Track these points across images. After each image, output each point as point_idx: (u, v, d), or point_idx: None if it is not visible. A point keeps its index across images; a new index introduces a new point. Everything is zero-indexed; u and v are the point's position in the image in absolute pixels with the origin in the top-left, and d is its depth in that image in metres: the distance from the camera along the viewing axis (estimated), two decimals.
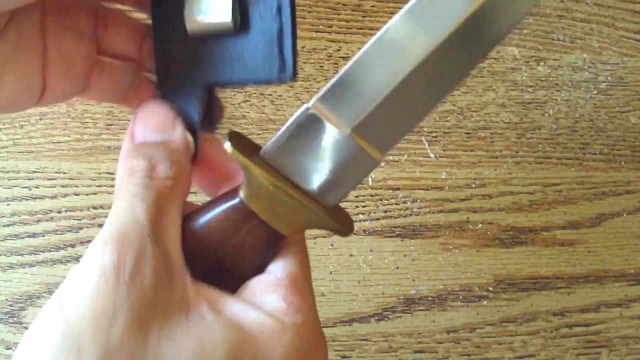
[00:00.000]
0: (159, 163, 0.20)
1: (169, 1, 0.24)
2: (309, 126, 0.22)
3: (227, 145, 0.21)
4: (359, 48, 0.50)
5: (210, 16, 0.23)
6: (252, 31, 0.23)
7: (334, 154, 0.22)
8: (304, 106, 0.22)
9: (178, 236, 0.20)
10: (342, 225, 0.23)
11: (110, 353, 0.16)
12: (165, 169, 0.20)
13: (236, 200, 0.22)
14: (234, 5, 0.23)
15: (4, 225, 0.44)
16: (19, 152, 0.45)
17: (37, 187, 0.44)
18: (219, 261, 0.22)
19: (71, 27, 0.23)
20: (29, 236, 0.44)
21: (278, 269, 0.22)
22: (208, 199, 0.24)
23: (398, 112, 0.21)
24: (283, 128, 0.22)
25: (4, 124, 0.45)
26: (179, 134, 0.22)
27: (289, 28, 0.23)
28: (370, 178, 0.47)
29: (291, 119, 0.22)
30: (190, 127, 0.23)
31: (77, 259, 0.44)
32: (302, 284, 0.21)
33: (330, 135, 0.22)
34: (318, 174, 0.22)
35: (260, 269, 0.23)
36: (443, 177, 0.48)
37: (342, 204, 0.24)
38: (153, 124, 0.22)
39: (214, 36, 0.23)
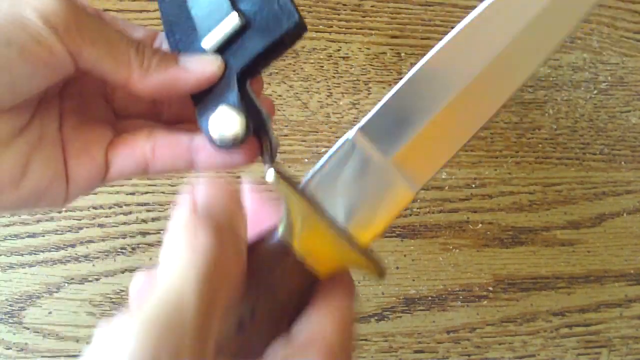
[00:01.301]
0: (225, 246, 0.19)
1: (185, 36, 0.26)
2: (349, 156, 0.22)
3: (270, 174, 0.21)
4: (359, 48, 0.50)
5: (217, 24, 0.24)
6: (257, 14, 0.24)
7: (373, 184, 0.22)
8: (344, 137, 0.22)
9: (214, 334, 0.18)
10: (376, 267, 0.22)
11: None
12: (228, 254, 0.19)
13: (273, 239, 0.22)
14: (231, 5, 0.25)
15: (4, 225, 0.44)
16: None
17: None
18: (252, 307, 0.21)
19: (86, 112, 0.24)
20: (29, 236, 0.44)
21: (302, 330, 0.20)
22: None
23: (437, 141, 0.22)
24: (323, 159, 0.22)
25: None
26: (244, 220, 0.21)
27: None
28: None
29: (331, 150, 0.22)
30: (233, 103, 0.24)
31: (77, 259, 0.44)
32: (331, 351, 0.19)
33: (370, 165, 0.22)
34: (355, 207, 0.22)
35: (293, 320, 0.22)
36: (443, 177, 0.48)
37: None
38: (221, 195, 0.22)
39: (231, 35, 0.25)
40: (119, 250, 0.44)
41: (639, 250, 0.50)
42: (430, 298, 0.46)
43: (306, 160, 0.47)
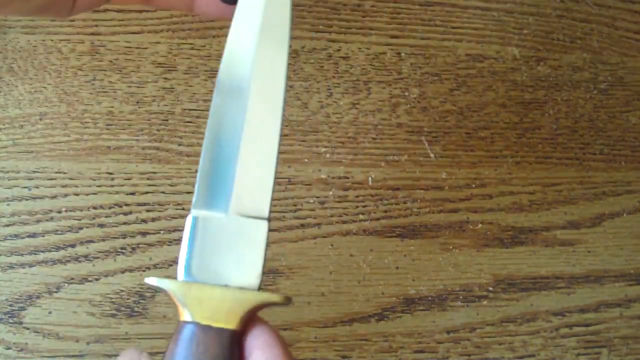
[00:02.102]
0: None
1: None
2: (198, 231, 0.24)
3: (149, 280, 0.23)
4: (359, 48, 0.50)
5: None
6: None
7: (230, 240, 0.23)
8: (187, 217, 0.24)
9: None
10: (275, 298, 0.23)
11: None
12: None
13: (178, 329, 0.23)
14: None
15: (4, 225, 0.44)
16: (19, 152, 0.45)
17: (37, 187, 0.44)
18: None
19: None
20: (29, 236, 0.44)
21: None
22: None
23: (254, 173, 0.24)
24: (181, 249, 0.24)
25: (4, 124, 0.45)
26: None
27: None
28: (370, 178, 0.47)
29: (184, 236, 0.24)
30: None
31: (77, 259, 0.44)
32: None
33: (218, 228, 0.24)
34: (228, 265, 0.23)
35: None
36: (443, 177, 0.48)
37: (343, 204, 0.24)
38: None
39: None
40: (119, 250, 0.44)
41: (639, 250, 0.50)
42: (430, 298, 0.46)
43: (306, 160, 0.47)
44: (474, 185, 0.49)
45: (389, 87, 0.49)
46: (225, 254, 0.23)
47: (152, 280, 0.23)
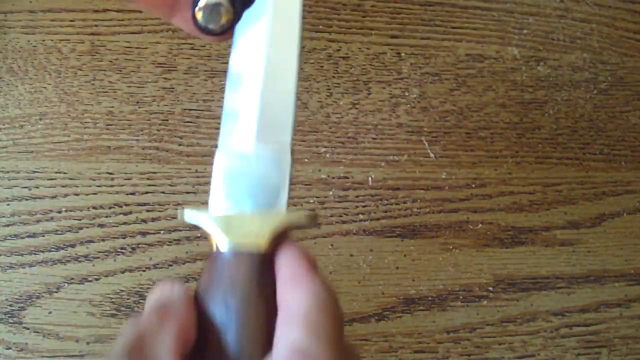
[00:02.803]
0: (145, 313, 0.22)
1: None
2: (226, 163, 0.25)
3: (180, 214, 0.24)
4: (359, 48, 0.50)
5: None
6: None
7: (255, 171, 0.24)
8: (216, 155, 0.25)
9: (170, 355, 0.20)
10: (303, 216, 0.24)
11: None
12: (147, 316, 0.21)
13: (211, 258, 0.24)
14: None
15: (4, 225, 0.44)
16: (19, 152, 0.45)
17: (37, 187, 0.44)
18: (228, 322, 0.22)
19: None
20: (29, 236, 0.44)
21: (278, 344, 0.21)
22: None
23: (276, 102, 0.25)
24: (212, 181, 0.25)
25: (4, 124, 0.45)
26: (173, 292, 0.23)
27: None
28: (370, 178, 0.47)
29: (213, 170, 0.25)
30: (231, 1, 0.24)
31: (77, 259, 0.44)
32: (303, 348, 0.20)
33: (245, 160, 0.25)
34: (255, 196, 0.24)
35: (269, 314, 0.22)
36: (443, 177, 0.48)
37: (343, 204, 0.25)
38: (153, 298, 0.23)
39: None
40: (119, 250, 0.44)
41: (639, 250, 0.50)
42: (430, 298, 0.46)
43: (306, 160, 0.47)
44: (474, 185, 0.49)
45: (389, 87, 0.49)
46: (252, 184, 0.24)
47: (183, 214, 0.24)
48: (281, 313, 0.21)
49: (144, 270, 0.44)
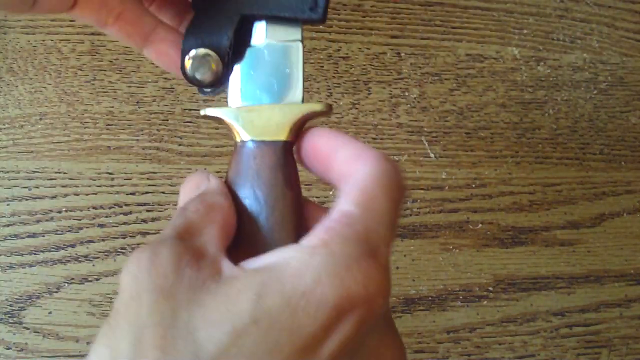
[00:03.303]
0: (191, 204, 0.22)
1: None
2: (243, 62, 0.26)
3: (204, 111, 0.25)
4: (359, 48, 0.50)
5: None
6: None
7: (270, 65, 0.25)
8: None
9: (214, 242, 0.21)
10: (319, 105, 0.25)
11: (142, 328, 0.18)
12: (195, 204, 0.22)
13: (236, 149, 0.24)
14: None
15: (4, 225, 0.44)
16: (19, 152, 0.45)
17: (37, 187, 0.44)
18: (258, 210, 0.23)
19: None
20: (29, 236, 0.44)
21: (332, 211, 0.21)
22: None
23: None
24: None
25: (4, 124, 0.45)
26: (211, 183, 0.24)
27: None
28: None
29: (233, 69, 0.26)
30: (220, 53, 0.25)
31: (77, 259, 0.44)
32: (354, 216, 0.20)
33: (259, 56, 0.25)
34: (273, 89, 0.25)
35: (295, 200, 0.24)
36: (443, 177, 0.48)
37: None
38: (189, 187, 0.24)
39: None
40: (119, 250, 0.44)
41: (639, 250, 0.50)
42: (430, 298, 0.46)
43: None
44: (474, 185, 0.49)
45: (389, 87, 0.49)
46: (269, 78, 0.25)
47: (207, 111, 0.25)
48: (342, 185, 0.22)
49: None
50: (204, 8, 0.25)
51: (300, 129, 0.24)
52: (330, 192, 0.47)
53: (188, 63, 0.25)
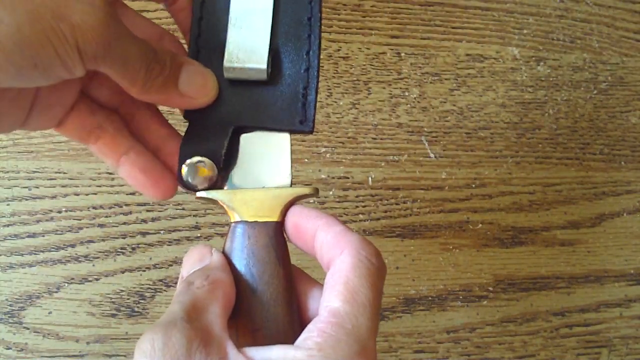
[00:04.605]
0: (196, 279, 0.23)
1: (209, 47, 0.27)
2: (235, 147, 0.27)
3: (199, 194, 0.26)
4: (359, 48, 0.50)
5: (248, 62, 0.26)
6: (281, 84, 0.26)
7: (261, 152, 0.27)
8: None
9: (219, 321, 0.22)
10: (308, 189, 0.26)
11: None
12: (200, 281, 0.23)
13: (231, 230, 0.26)
14: (269, 57, 0.26)
15: (4, 225, 0.44)
16: (19, 152, 0.45)
17: (37, 187, 0.44)
18: (253, 286, 0.25)
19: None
20: (29, 236, 0.44)
21: (319, 309, 0.23)
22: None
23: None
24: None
25: None
26: (214, 258, 0.25)
27: (313, 86, 0.27)
28: (370, 178, 0.47)
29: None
30: (215, 161, 0.26)
31: (77, 259, 0.44)
32: (342, 314, 0.22)
33: (251, 143, 0.27)
34: (263, 174, 0.27)
35: (287, 276, 0.25)
36: (443, 177, 0.48)
37: (343, 204, 0.25)
38: (192, 259, 0.25)
39: (246, 83, 0.26)
40: (119, 250, 0.44)
41: (639, 250, 0.50)
42: (430, 298, 0.46)
43: (306, 160, 0.47)
44: (474, 185, 0.49)
45: (389, 87, 0.49)
46: (259, 163, 0.27)
47: (202, 193, 0.26)
48: (326, 272, 0.23)
49: (144, 270, 0.44)
50: (197, 120, 0.27)
51: (288, 209, 0.26)
52: (330, 193, 0.47)
53: (184, 170, 0.26)
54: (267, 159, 0.27)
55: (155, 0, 0.29)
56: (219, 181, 0.26)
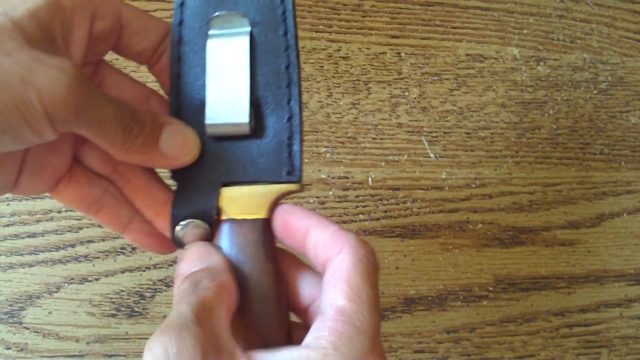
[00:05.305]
0: (202, 279, 0.23)
1: (189, 105, 0.27)
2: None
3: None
4: (359, 48, 0.50)
5: (230, 118, 0.25)
6: (265, 136, 0.26)
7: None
8: None
9: (225, 325, 0.22)
10: (295, 185, 0.26)
11: None
12: (207, 282, 0.23)
13: (219, 228, 0.26)
14: (250, 110, 0.25)
15: (4, 225, 0.44)
16: None
17: None
18: (245, 284, 0.24)
19: (49, 145, 0.25)
20: (29, 236, 0.44)
21: (323, 307, 0.23)
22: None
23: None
24: None
25: None
26: (217, 258, 0.25)
27: (298, 135, 0.26)
28: (370, 178, 0.47)
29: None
30: (206, 219, 0.26)
31: (76, 258, 0.44)
32: (349, 312, 0.22)
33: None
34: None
35: (277, 271, 0.25)
36: (443, 177, 0.48)
37: (343, 204, 0.25)
38: (193, 258, 0.25)
39: (230, 138, 0.26)
40: (119, 250, 0.44)
41: (639, 250, 0.50)
42: (430, 298, 0.46)
43: (306, 160, 0.47)
44: (474, 185, 0.49)
45: (389, 87, 0.49)
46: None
47: None
48: (325, 273, 0.23)
49: (144, 270, 0.44)
50: (185, 180, 0.27)
51: (276, 206, 0.26)
52: (330, 193, 0.47)
53: (177, 233, 0.26)
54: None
55: (137, 61, 0.28)
56: (210, 237, 0.26)
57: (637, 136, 0.52)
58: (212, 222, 0.26)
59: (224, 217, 0.26)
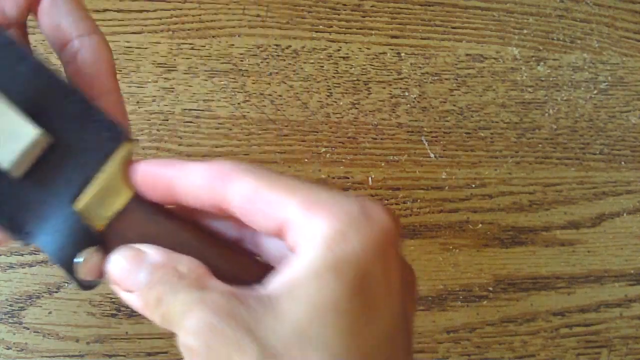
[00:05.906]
0: (172, 278, 0.22)
1: None
2: None
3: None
4: (359, 48, 0.50)
5: (21, 142, 0.22)
6: (64, 131, 0.23)
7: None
8: None
9: (226, 286, 0.21)
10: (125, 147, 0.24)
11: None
12: (176, 278, 0.22)
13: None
14: (33, 125, 0.22)
15: None
16: None
17: None
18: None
19: None
20: None
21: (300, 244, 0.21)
22: None
23: None
24: None
25: None
26: (152, 252, 0.24)
27: (77, 96, 0.23)
28: (370, 178, 0.47)
29: None
30: (92, 241, 0.25)
31: None
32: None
33: None
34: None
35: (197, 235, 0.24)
36: (443, 177, 0.48)
37: None
38: (133, 267, 0.25)
39: (41, 161, 0.23)
40: None
41: (639, 250, 0.50)
42: (430, 298, 0.46)
43: (306, 160, 0.47)
44: (474, 185, 0.49)
45: (389, 87, 0.49)
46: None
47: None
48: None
49: None
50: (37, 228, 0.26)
51: (128, 176, 0.23)
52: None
53: (79, 272, 0.26)
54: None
55: None
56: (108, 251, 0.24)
57: (637, 136, 0.52)
58: (97, 238, 0.24)
59: (101, 225, 0.24)
